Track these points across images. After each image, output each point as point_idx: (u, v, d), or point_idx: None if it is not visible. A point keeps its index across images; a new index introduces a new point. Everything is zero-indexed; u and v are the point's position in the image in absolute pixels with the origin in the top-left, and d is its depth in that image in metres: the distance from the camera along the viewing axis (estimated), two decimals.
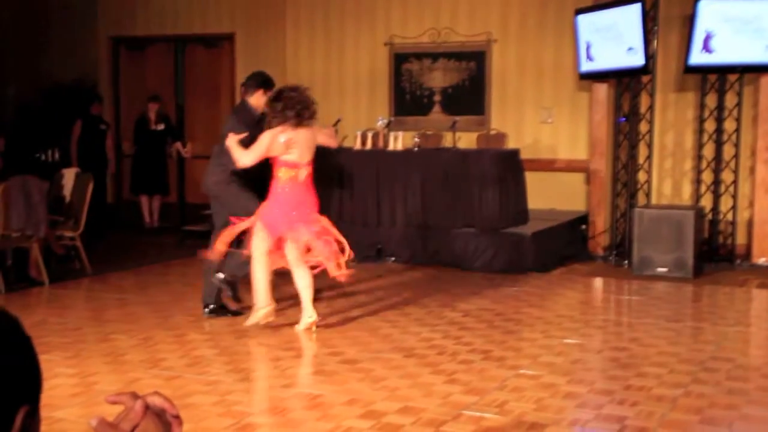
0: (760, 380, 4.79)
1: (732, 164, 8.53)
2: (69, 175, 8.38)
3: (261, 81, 6.03)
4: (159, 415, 1.11)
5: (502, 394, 4.49)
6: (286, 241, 5.59)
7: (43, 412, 4.02)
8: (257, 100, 5.95)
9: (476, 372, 4.89)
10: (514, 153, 8.99)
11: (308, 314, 5.68)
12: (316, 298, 5.99)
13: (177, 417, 1.14)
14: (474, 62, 10.21)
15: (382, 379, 4.73)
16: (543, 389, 4.57)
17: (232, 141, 5.55)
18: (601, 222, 9.11)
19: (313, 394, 4.47)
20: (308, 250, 5.63)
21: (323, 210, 5.94)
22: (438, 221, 8.49)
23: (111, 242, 9.87)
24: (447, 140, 9.48)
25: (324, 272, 5.72)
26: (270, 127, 5.55)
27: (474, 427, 4.00)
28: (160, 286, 7.51)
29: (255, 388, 4.64)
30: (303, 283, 5.64)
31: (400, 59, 10.56)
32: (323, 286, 7.20)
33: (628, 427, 4.02)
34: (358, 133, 9.09)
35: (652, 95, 8.72)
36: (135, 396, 1.12)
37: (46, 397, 4.21)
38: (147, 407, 1.11)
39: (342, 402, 4.34)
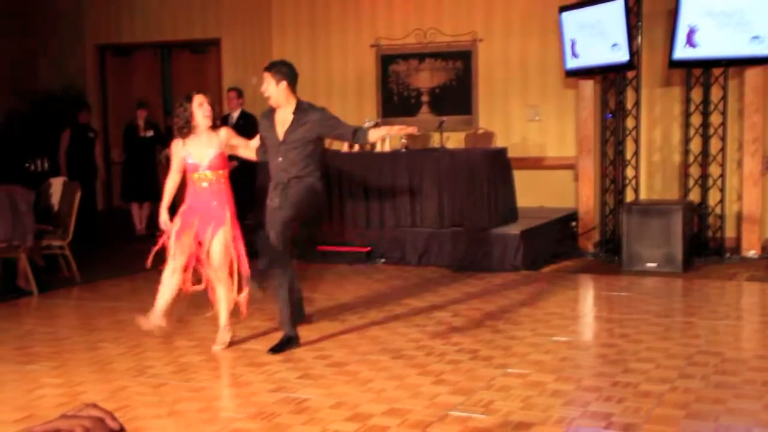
0: (748, 373, 4.78)
1: (719, 158, 8.54)
2: (57, 184, 8.38)
3: None
4: (101, 420, 1.08)
5: (488, 393, 4.48)
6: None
7: (27, 423, 4.03)
8: None
9: (464, 372, 4.89)
10: (502, 151, 9.01)
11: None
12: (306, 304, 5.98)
13: (121, 430, 1.11)
14: (460, 62, 10.23)
15: (369, 381, 4.73)
16: (530, 388, 4.56)
17: None
18: (590, 218, 9.12)
19: (300, 398, 4.46)
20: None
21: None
22: (427, 221, 8.49)
23: (101, 250, 9.85)
24: (435, 140, 9.49)
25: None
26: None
27: (460, 427, 4.00)
28: (150, 294, 7.41)
29: (242, 393, 4.63)
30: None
31: (386, 60, 10.57)
32: (306, 289, 7.21)
33: (614, 424, 4.01)
34: None
35: (637, 91, 8.73)
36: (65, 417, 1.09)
37: (30, 408, 4.20)
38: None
39: (329, 405, 4.34)
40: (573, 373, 4.91)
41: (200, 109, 5.41)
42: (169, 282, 5.49)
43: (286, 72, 5.37)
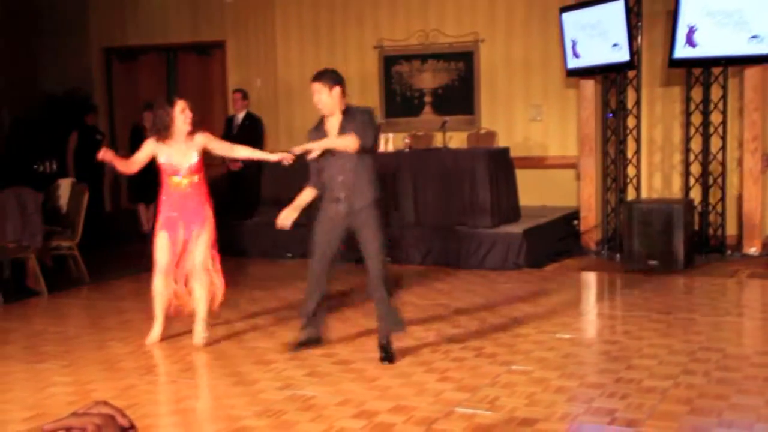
0: (750, 369, 4.84)
1: (719, 156, 8.60)
2: (65, 186, 8.46)
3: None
4: (112, 417, 1.11)
5: (493, 390, 4.55)
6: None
7: (38, 421, 4.10)
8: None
9: (468, 369, 4.95)
10: (505, 151, 9.07)
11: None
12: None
13: (132, 427, 1.13)
14: (462, 62, 10.30)
15: (375, 379, 4.80)
16: (534, 384, 4.63)
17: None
18: (592, 217, 9.19)
19: (306, 396, 4.53)
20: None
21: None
22: (430, 221, 8.56)
23: (109, 251, 9.92)
24: (438, 140, 9.56)
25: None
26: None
27: (465, 423, 4.06)
28: None
29: (249, 391, 4.70)
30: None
31: (389, 62, 10.63)
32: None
33: (617, 420, 4.07)
34: None
35: (638, 90, 8.79)
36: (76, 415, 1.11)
37: (41, 406, 4.30)
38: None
39: (335, 403, 4.41)
40: (576, 369, 4.97)
41: (182, 115, 5.51)
42: (162, 292, 5.63)
43: (337, 77, 5.11)
